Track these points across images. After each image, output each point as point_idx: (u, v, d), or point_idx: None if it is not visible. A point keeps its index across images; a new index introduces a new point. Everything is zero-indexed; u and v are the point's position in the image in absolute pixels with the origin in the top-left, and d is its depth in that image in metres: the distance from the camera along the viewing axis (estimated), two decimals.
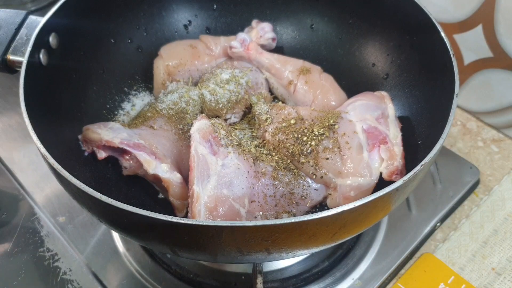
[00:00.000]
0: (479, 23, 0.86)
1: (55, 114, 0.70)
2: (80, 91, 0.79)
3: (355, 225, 0.56)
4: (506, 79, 0.89)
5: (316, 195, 0.70)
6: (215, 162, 0.64)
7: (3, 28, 0.71)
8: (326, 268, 0.76)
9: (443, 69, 0.68)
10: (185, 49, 0.85)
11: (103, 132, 0.69)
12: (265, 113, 0.73)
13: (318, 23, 0.92)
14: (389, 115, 0.75)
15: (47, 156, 0.56)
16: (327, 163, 0.68)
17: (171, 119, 0.75)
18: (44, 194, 0.85)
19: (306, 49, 0.93)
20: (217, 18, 0.93)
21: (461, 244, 0.79)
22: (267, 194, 0.67)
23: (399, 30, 0.81)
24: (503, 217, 0.82)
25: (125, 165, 0.72)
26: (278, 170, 0.69)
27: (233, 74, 0.81)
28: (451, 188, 0.84)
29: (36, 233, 0.80)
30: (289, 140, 0.70)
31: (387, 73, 0.84)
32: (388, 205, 0.57)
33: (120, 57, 0.86)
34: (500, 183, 0.87)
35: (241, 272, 0.75)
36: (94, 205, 0.55)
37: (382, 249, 0.77)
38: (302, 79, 0.82)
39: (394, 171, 0.68)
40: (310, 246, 0.56)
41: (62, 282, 0.74)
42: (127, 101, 0.86)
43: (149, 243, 0.63)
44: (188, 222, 0.48)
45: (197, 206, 0.60)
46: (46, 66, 0.69)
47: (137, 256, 0.77)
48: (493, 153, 0.92)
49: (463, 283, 0.74)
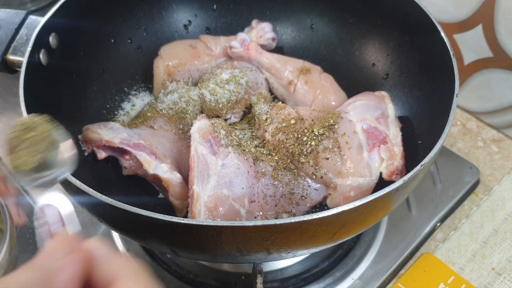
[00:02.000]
0: (479, 23, 0.87)
1: (55, 114, 0.70)
2: (80, 91, 0.79)
3: (355, 225, 0.56)
4: (506, 79, 0.89)
5: (316, 195, 0.70)
6: (215, 162, 0.64)
7: (3, 28, 0.71)
8: (326, 268, 0.76)
9: (443, 69, 0.68)
10: (185, 49, 0.85)
11: (103, 132, 0.69)
12: (265, 113, 0.73)
13: (318, 23, 0.92)
14: (389, 115, 0.75)
15: None
16: (327, 163, 0.68)
17: (171, 119, 0.75)
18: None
19: (306, 49, 0.92)
20: (217, 18, 0.93)
21: (461, 244, 0.79)
22: (267, 194, 0.67)
23: (399, 30, 0.81)
24: (503, 217, 0.82)
25: (125, 165, 0.72)
26: (278, 170, 0.69)
27: (233, 74, 0.81)
28: (451, 188, 0.84)
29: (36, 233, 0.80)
30: (289, 140, 0.70)
31: (387, 73, 0.84)
32: (388, 205, 0.57)
33: (120, 57, 0.86)
34: (500, 183, 0.87)
35: (241, 272, 0.75)
36: (94, 205, 0.55)
37: (382, 249, 0.77)
38: (302, 79, 0.82)
39: (394, 171, 0.68)
40: (310, 246, 0.56)
41: None
42: (127, 101, 0.86)
43: (149, 243, 0.63)
44: (188, 222, 0.48)
45: (197, 206, 0.60)
46: (46, 66, 0.69)
47: (137, 256, 0.77)
48: (493, 153, 0.92)
49: (463, 283, 0.74)
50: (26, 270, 0.32)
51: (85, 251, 0.34)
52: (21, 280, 0.32)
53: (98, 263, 0.34)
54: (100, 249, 0.35)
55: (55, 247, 0.34)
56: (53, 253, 0.33)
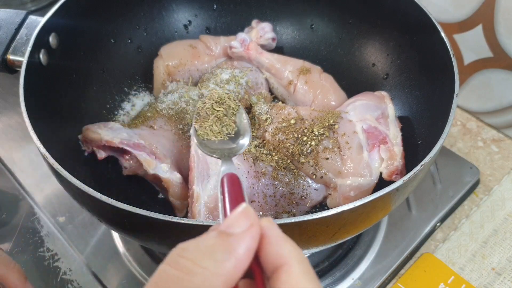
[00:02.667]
0: (479, 23, 0.87)
1: (55, 114, 0.70)
2: (80, 91, 0.79)
3: (355, 225, 0.56)
4: (506, 79, 0.89)
5: (316, 195, 0.70)
6: (215, 162, 0.64)
7: (3, 28, 0.71)
8: (326, 268, 0.76)
9: (443, 69, 0.68)
10: (185, 49, 0.85)
11: (103, 132, 0.69)
12: (265, 113, 0.73)
13: (318, 23, 0.92)
14: (389, 115, 0.75)
15: (47, 156, 0.56)
16: (327, 163, 0.68)
17: (171, 119, 0.75)
18: (44, 194, 0.85)
19: (306, 49, 0.93)
20: (217, 18, 0.93)
21: (461, 244, 0.79)
22: (267, 194, 0.67)
23: (399, 30, 0.81)
24: (503, 217, 0.82)
25: (125, 165, 0.72)
26: (278, 170, 0.69)
27: (233, 74, 0.81)
28: (451, 188, 0.84)
29: (36, 233, 0.80)
30: (289, 140, 0.70)
31: (387, 73, 0.84)
32: (388, 205, 0.57)
33: (120, 57, 0.86)
34: (500, 183, 0.87)
35: None
36: (94, 205, 0.55)
37: (382, 249, 0.77)
38: (302, 79, 0.82)
39: (394, 171, 0.68)
40: (310, 246, 0.56)
41: (62, 282, 0.74)
42: (127, 101, 0.86)
43: (149, 243, 0.63)
44: (188, 222, 0.48)
45: (197, 206, 0.60)
46: (46, 66, 0.69)
47: (137, 256, 0.77)
48: (493, 153, 0.92)
49: (463, 283, 0.74)
50: (210, 233, 0.33)
51: (261, 228, 0.34)
52: (205, 242, 0.32)
53: (270, 244, 0.33)
54: (273, 229, 0.34)
55: (238, 218, 0.34)
56: (236, 222, 0.33)
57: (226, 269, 0.31)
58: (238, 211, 0.34)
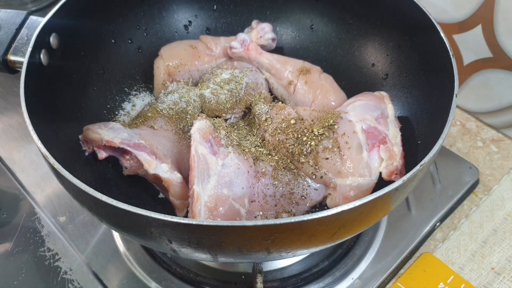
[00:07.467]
0: (478, 24, 0.87)
1: (55, 114, 0.71)
2: (81, 91, 0.79)
3: (354, 225, 0.56)
4: (506, 79, 0.89)
5: (316, 195, 0.70)
6: (215, 162, 0.64)
7: (3, 29, 0.71)
8: (325, 267, 0.76)
9: (443, 69, 0.68)
10: (185, 49, 0.85)
11: (104, 132, 0.69)
12: (265, 113, 0.73)
13: (318, 23, 0.92)
14: (389, 115, 0.75)
15: (48, 156, 0.56)
16: (327, 163, 0.68)
17: (172, 119, 0.75)
18: (45, 194, 0.86)
19: (306, 49, 0.93)
20: (217, 18, 0.94)
21: (460, 243, 0.79)
22: (267, 194, 0.67)
23: (399, 30, 0.81)
24: (503, 217, 0.82)
25: (125, 165, 0.72)
26: (278, 170, 0.69)
27: (233, 74, 0.81)
28: (450, 188, 0.84)
29: (37, 233, 0.80)
30: (289, 140, 0.70)
31: (387, 73, 0.84)
32: (388, 205, 0.58)
33: (120, 57, 0.86)
34: (499, 183, 0.87)
35: (241, 271, 0.75)
36: (94, 205, 0.55)
37: (382, 248, 0.77)
38: (302, 79, 0.82)
39: (394, 171, 0.68)
40: (310, 245, 0.56)
41: (63, 281, 0.74)
42: (128, 101, 0.86)
43: (149, 243, 0.63)
44: (188, 222, 0.48)
45: (197, 206, 0.60)
46: (46, 66, 0.70)
47: (137, 255, 0.77)
48: (492, 153, 0.92)
49: (463, 283, 0.74)
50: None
51: None
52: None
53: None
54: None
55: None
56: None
57: None
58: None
